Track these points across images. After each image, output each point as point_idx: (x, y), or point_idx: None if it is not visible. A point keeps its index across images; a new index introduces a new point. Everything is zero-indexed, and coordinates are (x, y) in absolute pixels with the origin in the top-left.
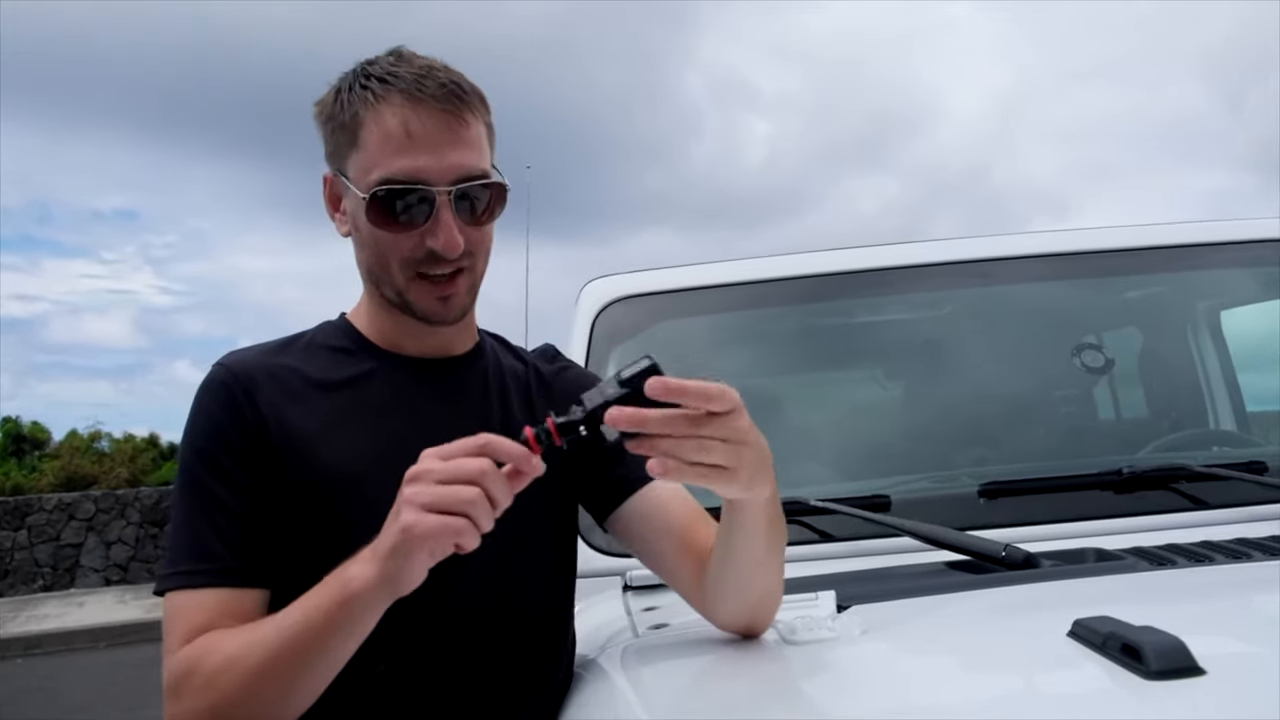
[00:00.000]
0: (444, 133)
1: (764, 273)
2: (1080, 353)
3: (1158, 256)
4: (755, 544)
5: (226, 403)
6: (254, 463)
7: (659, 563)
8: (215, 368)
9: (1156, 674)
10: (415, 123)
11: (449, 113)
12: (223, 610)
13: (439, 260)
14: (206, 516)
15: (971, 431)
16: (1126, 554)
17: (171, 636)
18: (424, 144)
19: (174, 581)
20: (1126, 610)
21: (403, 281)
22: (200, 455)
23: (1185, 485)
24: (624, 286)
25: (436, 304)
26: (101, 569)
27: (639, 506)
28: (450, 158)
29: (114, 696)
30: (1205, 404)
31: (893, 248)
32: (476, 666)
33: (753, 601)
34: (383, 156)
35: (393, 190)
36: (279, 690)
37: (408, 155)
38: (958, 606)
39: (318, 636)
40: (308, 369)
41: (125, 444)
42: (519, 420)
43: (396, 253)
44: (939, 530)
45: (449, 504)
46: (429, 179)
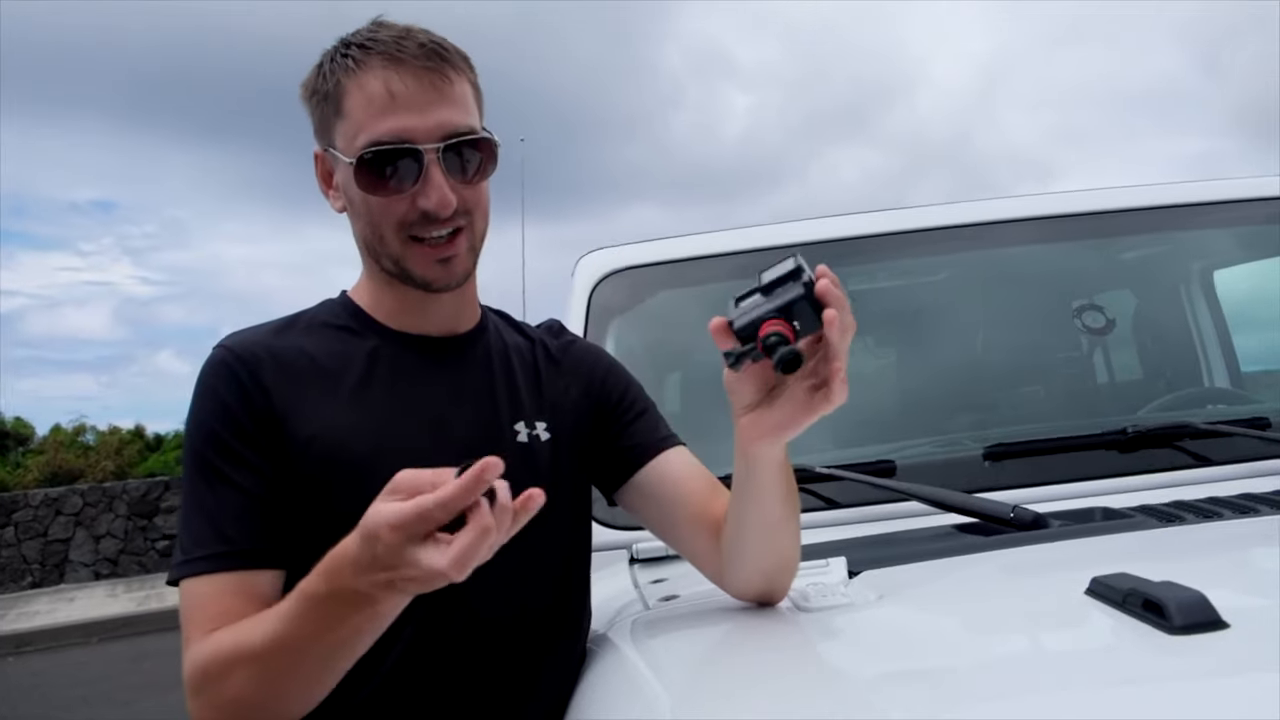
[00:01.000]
0: (428, 91)
1: (762, 241)
2: (1081, 313)
3: (1151, 217)
4: (772, 506)
5: (231, 383)
6: (262, 443)
7: (672, 533)
8: (217, 349)
9: (1181, 629)
10: (397, 83)
11: (431, 70)
12: (240, 594)
13: (433, 222)
14: (218, 499)
15: (969, 396)
16: (1134, 512)
17: (190, 625)
18: (408, 103)
19: (188, 569)
20: (1141, 567)
21: (399, 248)
22: (208, 438)
23: (1189, 443)
24: (621, 258)
25: (436, 268)
26: (91, 563)
27: (651, 477)
28: (436, 115)
29: (107, 692)
30: (1200, 364)
31: (890, 213)
32: (494, 645)
33: (769, 567)
34: (367, 120)
35: (379, 152)
36: (302, 685)
37: (392, 116)
38: (970, 569)
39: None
40: (311, 348)
41: (110, 436)
42: (525, 398)
43: (390, 218)
44: (946, 493)
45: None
46: (415, 137)
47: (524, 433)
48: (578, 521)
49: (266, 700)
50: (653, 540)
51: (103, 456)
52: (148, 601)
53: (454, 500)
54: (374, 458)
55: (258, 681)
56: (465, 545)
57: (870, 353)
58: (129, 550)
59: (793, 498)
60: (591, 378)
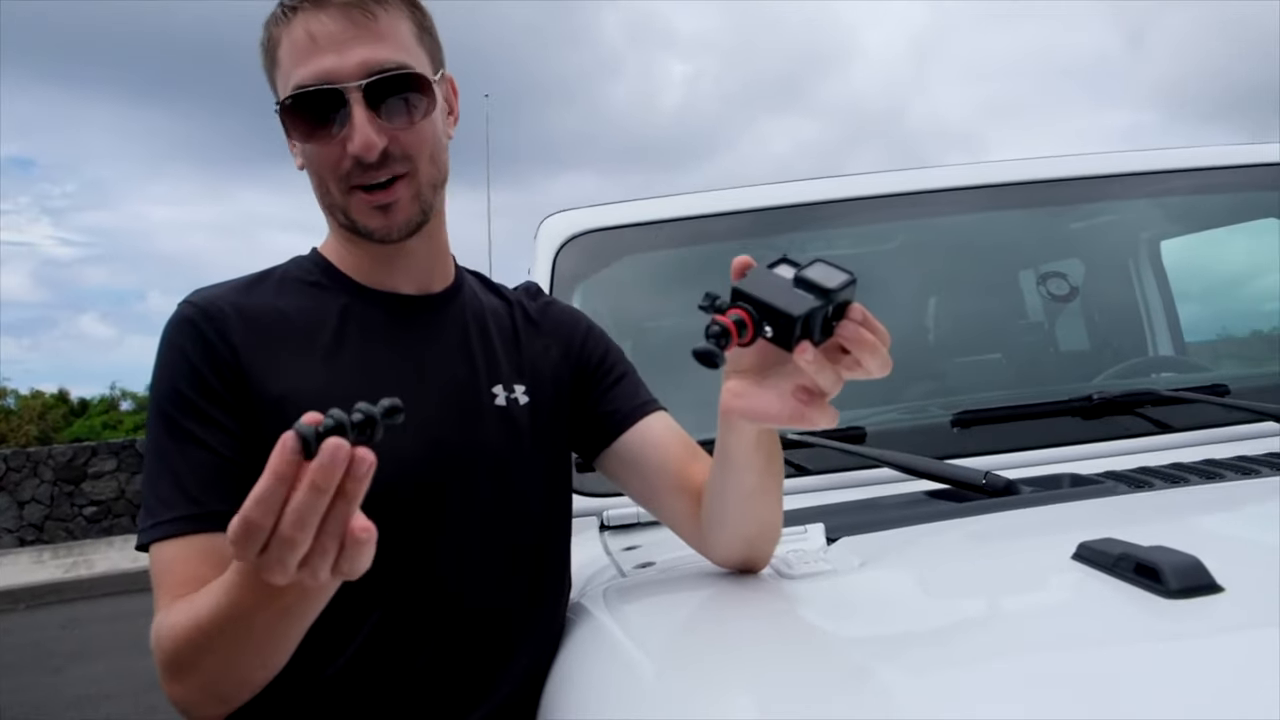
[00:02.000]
0: (349, 29)
1: (729, 204)
2: (1046, 280)
3: (1102, 185)
4: (749, 474)
5: (197, 341)
6: (230, 401)
7: (653, 501)
8: (183, 305)
9: (1177, 592)
10: (317, 24)
11: (352, 7)
12: (209, 557)
13: (366, 168)
14: (185, 459)
15: (922, 364)
16: (1103, 478)
17: (160, 590)
18: (328, 44)
19: (156, 533)
20: (1124, 532)
21: (340, 197)
22: (173, 397)
23: (1150, 410)
24: (584, 221)
25: (376, 215)
26: (15, 529)
27: (632, 443)
28: (356, 53)
29: (37, 659)
30: (1145, 333)
31: (854, 179)
32: (468, 618)
33: (751, 534)
34: (292, 66)
35: (299, 95)
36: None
37: (312, 58)
38: (949, 534)
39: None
40: (281, 305)
41: (33, 400)
42: (502, 360)
43: (325, 166)
44: (919, 460)
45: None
46: (336, 77)
47: (502, 396)
48: (557, 488)
49: (222, 672)
50: (623, 507)
51: (25, 420)
52: (76, 568)
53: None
54: None
55: (208, 654)
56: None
57: None
58: (55, 516)
59: (774, 466)
60: (571, 340)
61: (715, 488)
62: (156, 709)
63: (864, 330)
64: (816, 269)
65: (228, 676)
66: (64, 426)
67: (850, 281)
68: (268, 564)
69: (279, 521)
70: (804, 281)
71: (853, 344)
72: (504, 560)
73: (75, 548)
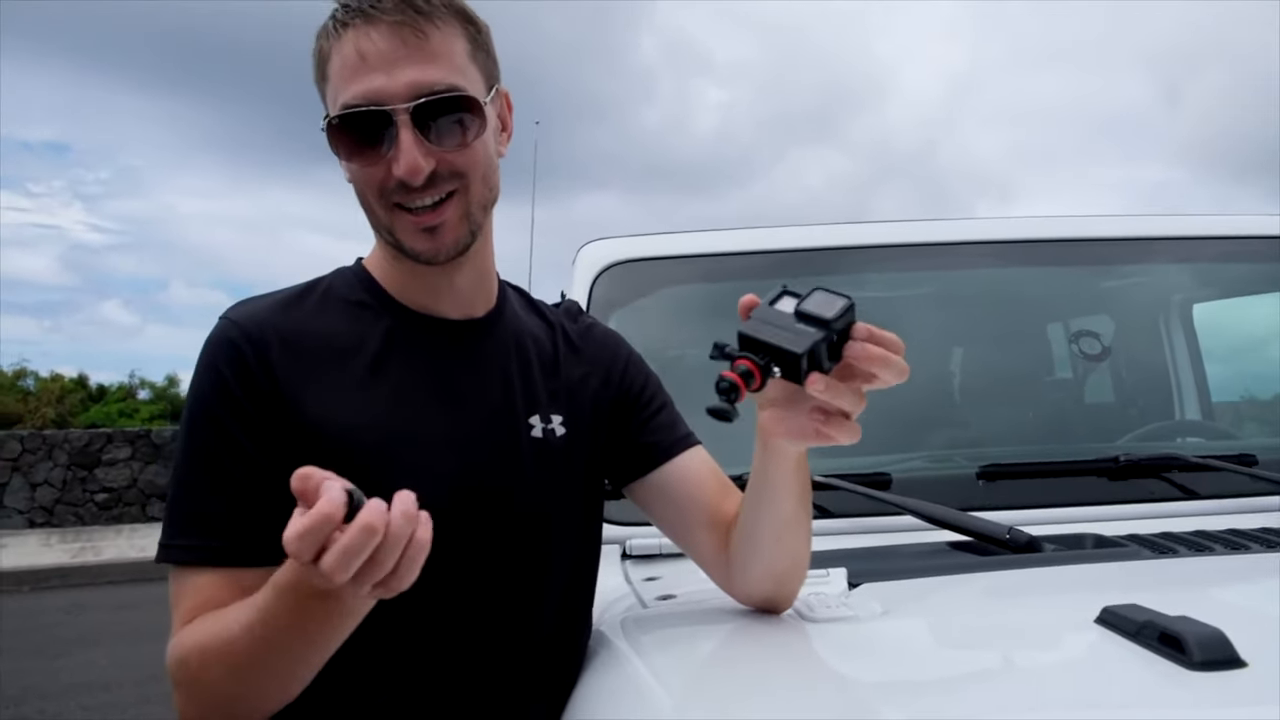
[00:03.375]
0: (399, 49)
1: (766, 243)
2: (1078, 339)
3: (1140, 248)
4: (786, 502)
5: (236, 364)
6: (264, 429)
7: (683, 533)
8: (224, 323)
9: (1200, 665)
10: (367, 42)
11: (404, 25)
12: (227, 587)
13: (411, 190)
14: (211, 486)
15: (947, 412)
16: (1126, 541)
17: (176, 611)
18: (377, 63)
19: (177, 555)
20: (1146, 598)
21: (385, 217)
22: (208, 418)
23: (1177, 475)
24: (623, 250)
25: (421, 238)
26: (26, 510)
27: (668, 476)
28: (406, 74)
29: (37, 644)
30: (1173, 394)
31: (889, 225)
32: (498, 646)
33: (780, 570)
34: (341, 84)
35: (347, 116)
36: (275, 679)
37: (362, 77)
38: (971, 587)
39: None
40: (323, 326)
41: (52, 383)
42: (540, 389)
43: (370, 185)
44: (943, 510)
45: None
46: (384, 99)
47: (539, 427)
48: (589, 519)
49: (243, 693)
50: (646, 537)
51: (44, 403)
52: (83, 554)
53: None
54: (384, 447)
55: (232, 673)
56: (344, 544)
57: None
58: (66, 500)
59: (806, 499)
60: (612, 368)
61: (749, 517)
62: (152, 699)
63: (870, 346)
64: (815, 299)
65: (246, 698)
66: (81, 411)
67: (848, 307)
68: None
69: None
70: (804, 315)
71: (863, 362)
72: (531, 591)
73: (84, 533)
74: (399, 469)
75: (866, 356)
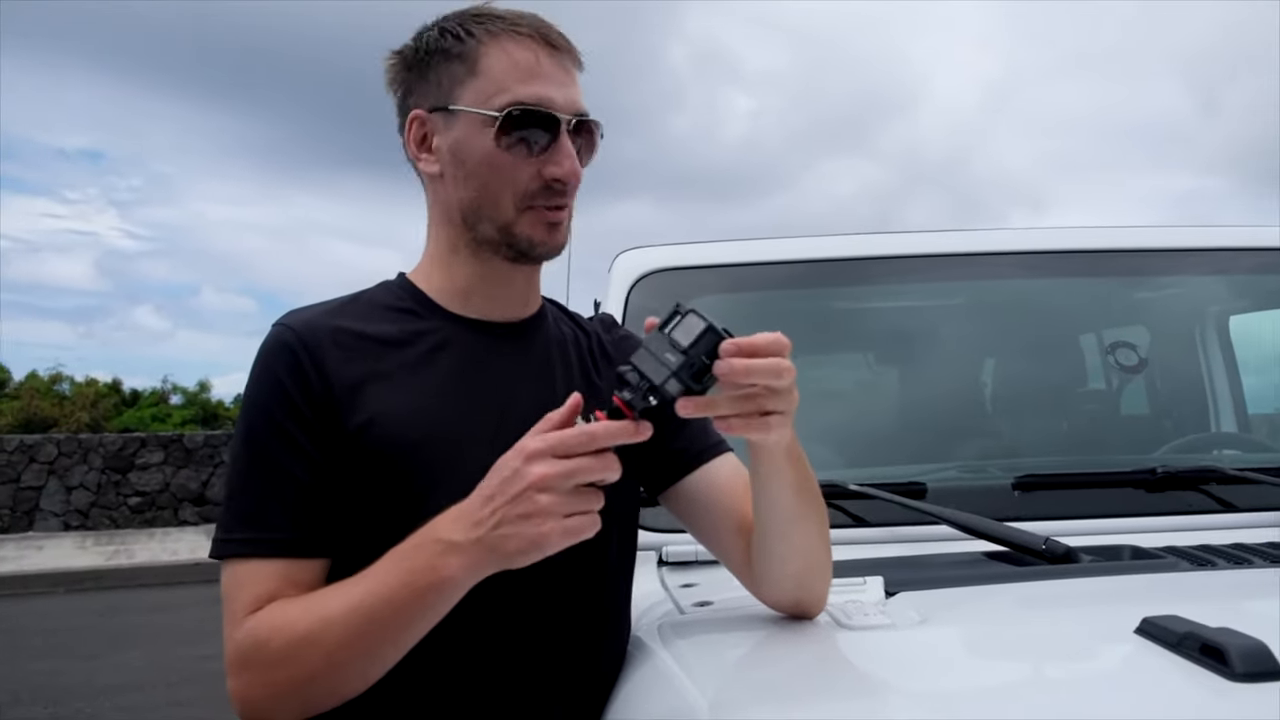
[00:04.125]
0: (564, 73)
1: (801, 253)
2: (1114, 350)
3: (1176, 259)
4: (783, 493)
5: (292, 366)
6: (319, 429)
7: (715, 540)
8: (279, 328)
9: (1242, 676)
10: (544, 56)
11: (568, 55)
12: (285, 580)
13: (552, 192)
14: (269, 483)
15: (980, 422)
16: (1164, 553)
17: (234, 604)
18: (552, 76)
19: (234, 549)
20: (1186, 610)
21: (512, 213)
22: (265, 419)
23: (1215, 488)
24: (659, 259)
25: (545, 230)
26: (61, 513)
27: (700, 483)
28: (571, 93)
29: (73, 644)
30: (1209, 406)
31: (923, 235)
32: (538, 647)
33: (795, 571)
34: (511, 82)
35: (525, 111)
36: (360, 665)
37: (538, 83)
38: (1008, 597)
39: (404, 614)
40: (372, 331)
41: (87, 388)
42: (580, 389)
43: (512, 182)
44: (979, 520)
45: (580, 508)
46: (556, 106)
47: (582, 424)
48: (627, 523)
49: (328, 674)
50: (682, 544)
51: (78, 407)
52: (116, 557)
53: (565, 447)
54: (433, 444)
55: (325, 653)
56: (576, 479)
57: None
58: (101, 504)
59: (808, 492)
60: None
61: (756, 519)
62: (184, 702)
63: (735, 361)
64: (683, 325)
65: (328, 679)
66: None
67: (705, 331)
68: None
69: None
70: (673, 341)
71: (730, 378)
72: (573, 593)
73: (117, 536)
74: (445, 466)
75: (731, 372)
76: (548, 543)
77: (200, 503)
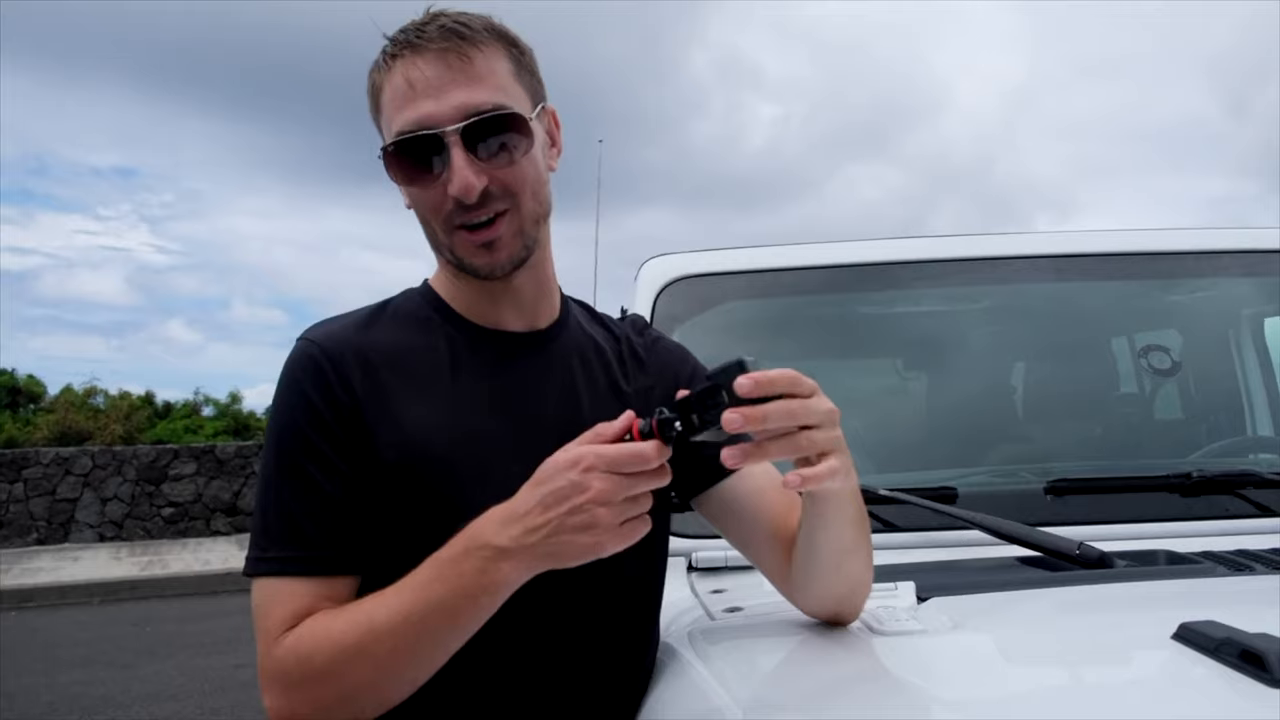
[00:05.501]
0: (446, 73)
1: (828, 258)
2: (1147, 354)
3: (1207, 261)
4: (842, 534)
5: (319, 381)
6: (347, 443)
7: (749, 546)
8: (305, 343)
9: None
10: (415, 71)
11: (449, 51)
12: (318, 597)
13: (468, 208)
14: (299, 499)
15: (1019, 427)
16: (1200, 558)
17: (269, 621)
18: (425, 89)
19: (266, 567)
20: (1223, 615)
21: (445, 237)
22: (294, 435)
23: (1252, 492)
24: (686, 266)
25: (480, 253)
26: (96, 525)
27: (734, 490)
28: (453, 97)
29: (108, 654)
30: (1245, 409)
31: (952, 239)
32: (570, 653)
33: (841, 593)
34: (393, 113)
35: (400, 142)
36: (410, 673)
37: (411, 105)
38: (1042, 602)
39: (458, 619)
40: (397, 343)
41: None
42: (604, 397)
43: (429, 209)
44: (1011, 525)
45: (631, 514)
46: (434, 122)
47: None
48: (658, 530)
49: (377, 683)
50: (712, 550)
51: (112, 420)
52: (150, 567)
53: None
54: (459, 455)
55: (374, 662)
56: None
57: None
58: (135, 515)
59: (863, 523)
60: (677, 380)
61: (805, 546)
62: (220, 711)
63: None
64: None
65: (377, 688)
66: (148, 428)
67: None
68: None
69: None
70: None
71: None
72: (600, 603)
73: (151, 547)
74: (468, 478)
75: (732, 425)
76: (604, 550)
77: (232, 513)
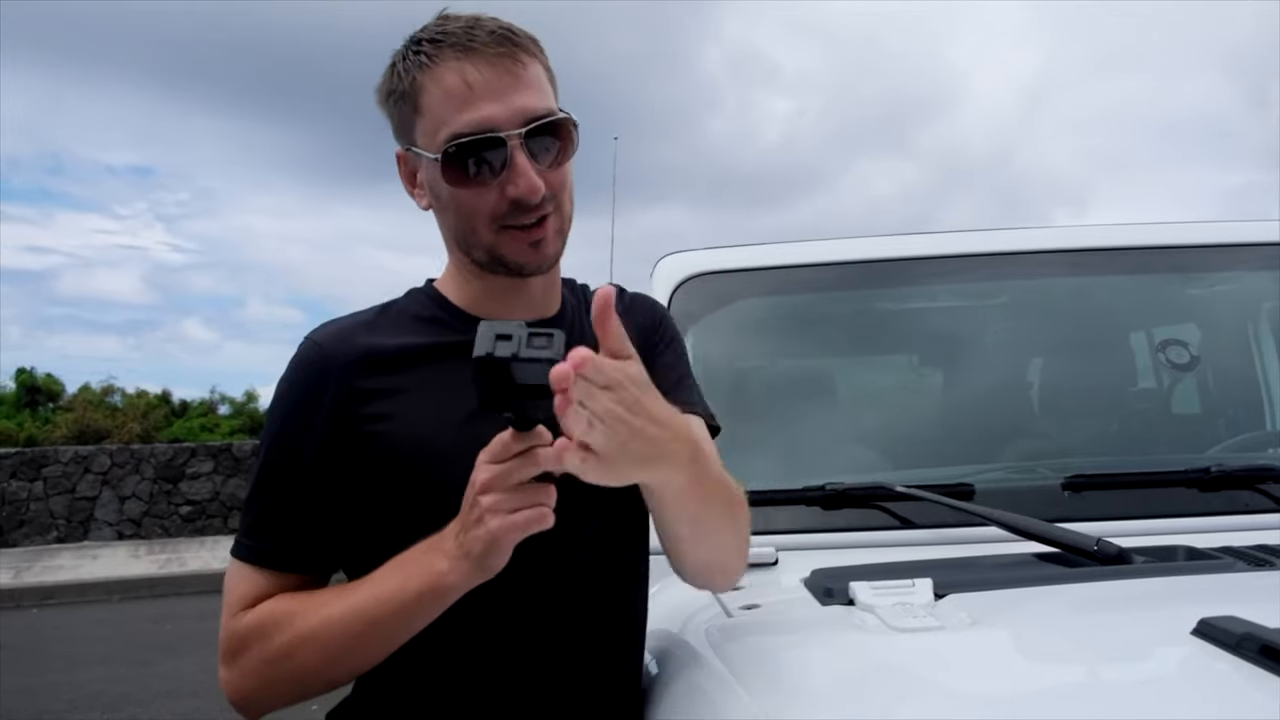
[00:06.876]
0: (503, 77)
1: (843, 254)
2: (1165, 349)
3: (1226, 254)
4: (678, 525)
5: (314, 383)
6: (332, 446)
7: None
8: (308, 343)
9: None
10: (472, 73)
11: (504, 56)
12: (275, 588)
13: (524, 209)
14: (278, 499)
15: (1035, 423)
16: (1219, 553)
17: (232, 596)
18: (485, 92)
19: (238, 551)
20: (1244, 611)
21: (491, 239)
22: (281, 432)
23: (1271, 486)
24: (701, 263)
25: (529, 252)
26: (115, 523)
27: None
28: (515, 101)
29: (128, 650)
30: (1264, 405)
31: (968, 235)
32: (548, 644)
33: (704, 560)
34: (447, 114)
35: (463, 145)
36: (355, 662)
37: (472, 107)
38: (1060, 599)
39: (401, 618)
40: (400, 343)
41: (138, 400)
42: None
43: (480, 211)
44: (1028, 521)
45: (526, 503)
46: (498, 125)
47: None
48: (634, 525)
49: (323, 668)
50: None
51: (130, 418)
52: (169, 565)
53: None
54: (456, 452)
55: (323, 650)
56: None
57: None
58: (153, 513)
59: (710, 516)
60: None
61: (658, 529)
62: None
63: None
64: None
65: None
66: (165, 426)
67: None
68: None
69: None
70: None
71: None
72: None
73: (169, 545)
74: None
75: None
76: (500, 537)
77: None
